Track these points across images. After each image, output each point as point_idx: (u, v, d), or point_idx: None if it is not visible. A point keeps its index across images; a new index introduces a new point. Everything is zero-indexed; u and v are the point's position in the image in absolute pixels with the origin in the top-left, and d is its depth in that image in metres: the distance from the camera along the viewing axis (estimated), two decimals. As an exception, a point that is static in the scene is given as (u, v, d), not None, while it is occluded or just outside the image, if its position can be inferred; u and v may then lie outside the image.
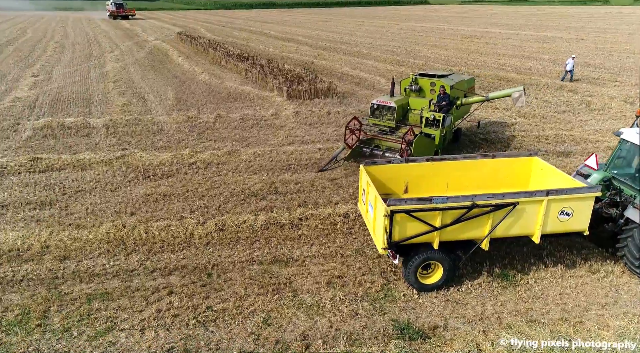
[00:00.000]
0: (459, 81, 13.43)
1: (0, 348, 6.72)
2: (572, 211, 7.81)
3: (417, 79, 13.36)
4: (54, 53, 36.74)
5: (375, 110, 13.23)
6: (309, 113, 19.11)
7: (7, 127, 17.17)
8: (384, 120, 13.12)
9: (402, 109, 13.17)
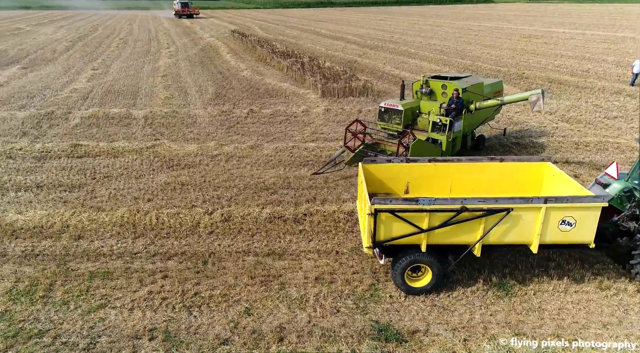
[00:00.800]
0: (475, 84, 12.51)
1: (6, 314, 7.37)
2: (575, 221, 7.30)
3: (429, 82, 12.70)
4: (116, 48, 39.20)
5: (384, 114, 12.78)
6: (340, 111, 19.12)
7: (59, 116, 18.61)
8: (392, 124, 12.63)
9: (410, 112, 12.59)
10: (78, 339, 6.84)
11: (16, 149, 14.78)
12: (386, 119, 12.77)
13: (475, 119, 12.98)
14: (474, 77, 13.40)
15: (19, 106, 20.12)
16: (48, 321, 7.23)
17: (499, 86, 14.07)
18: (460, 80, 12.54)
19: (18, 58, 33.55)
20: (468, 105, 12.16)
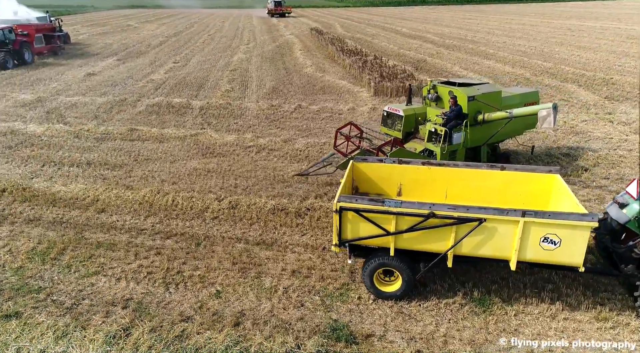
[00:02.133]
0: (487, 93, 11.06)
1: (19, 270, 8.51)
2: (560, 240, 6.60)
3: (437, 87, 11.63)
4: (202, 44, 42.05)
5: (387, 118, 12.12)
6: None
7: (129, 103, 20.59)
8: (394, 129, 11.93)
9: (414, 118, 11.72)
10: (65, 299, 7.69)
11: (84, 130, 16.68)
12: (389, 124, 12.10)
13: (485, 132, 11.40)
14: (489, 85, 11.96)
15: (101, 93, 22.58)
16: (49, 280, 8.22)
17: (533, 97, 12.40)
18: (470, 87, 11.23)
19: (117, 51, 37.45)
20: (476, 116, 10.94)
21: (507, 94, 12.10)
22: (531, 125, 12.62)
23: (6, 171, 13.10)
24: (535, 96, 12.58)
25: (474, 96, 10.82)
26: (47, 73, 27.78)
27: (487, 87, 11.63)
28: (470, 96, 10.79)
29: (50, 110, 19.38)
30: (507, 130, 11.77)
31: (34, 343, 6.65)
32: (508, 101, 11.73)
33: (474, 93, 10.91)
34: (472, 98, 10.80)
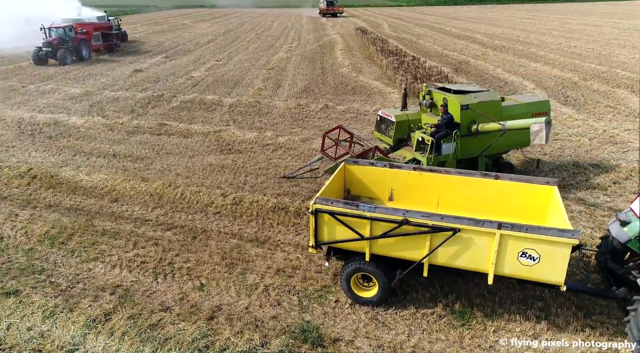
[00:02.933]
0: (485, 102, 10.31)
1: (30, 252, 9.18)
2: (539, 256, 6.22)
3: (432, 93, 11.07)
4: (247, 43, 43.08)
5: (381, 123, 11.68)
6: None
7: (165, 98, 21.52)
8: (387, 135, 11.51)
9: (407, 125, 11.22)
10: (62, 281, 8.22)
11: (119, 123, 17.65)
12: (382, 129, 11.70)
13: (481, 143, 10.62)
14: (488, 93, 10.96)
15: (143, 88, 23.76)
16: (52, 263, 8.82)
17: (542, 107, 11.37)
18: (465, 94, 10.52)
19: (167, 48, 39.19)
20: (470, 126, 10.28)
21: (511, 103, 11.35)
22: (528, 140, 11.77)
23: (41, 159, 14.14)
24: (545, 106, 11.52)
25: (468, 105, 10.17)
26: (99, 69, 29.59)
27: (485, 95, 10.74)
28: (464, 105, 10.16)
29: (94, 104, 20.65)
30: (509, 141, 10.98)
31: (23, 321, 7.17)
32: (511, 111, 10.94)
33: (469, 101, 10.25)
34: (466, 107, 10.15)
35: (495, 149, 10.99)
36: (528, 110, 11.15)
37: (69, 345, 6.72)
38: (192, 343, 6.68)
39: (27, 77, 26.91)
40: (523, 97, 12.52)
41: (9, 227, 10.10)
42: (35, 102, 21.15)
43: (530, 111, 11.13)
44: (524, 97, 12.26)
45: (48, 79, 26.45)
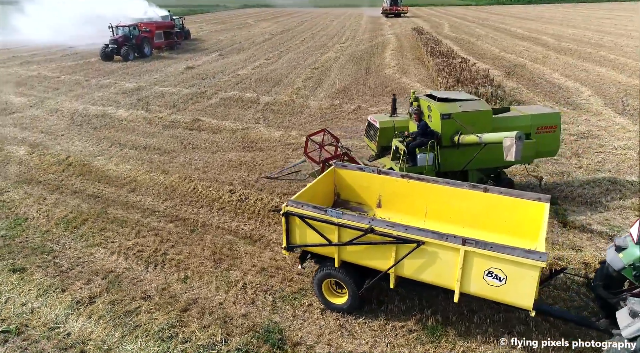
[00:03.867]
0: (470, 111, 9.54)
1: (46, 234, 9.98)
2: (505, 277, 5.80)
3: (419, 100, 10.36)
4: (300, 42, 43.64)
5: (369, 129, 11.20)
6: None
7: (207, 95, 22.39)
8: (373, 141, 11.03)
9: (391, 132, 10.61)
10: (64, 263, 8.87)
11: (158, 117, 18.64)
12: (371, 135, 11.26)
13: (465, 156, 9.79)
14: (478, 102, 10.00)
15: (189, 85, 24.88)
16: (61, 245, 9.53)
17: (550, 120, 10.27)
18: (451, 102, 9.78)
19: (224, 47, 40.69)
20: (453, 137, 9.65)
21: (513, 114, 10.47)
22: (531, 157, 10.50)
23: (81, 148, 15.29)
24: (553, 119, 10.39)
25: (449, 114, 9.46)
26: (156, 65, 31.37)
27: (472, 104, 9.82)
28: (445, 114, 9.47)
29: (141, 98, 21.96)
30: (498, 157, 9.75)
31: (20, 296, 7.84)
32: (509, 123, 10.06)
33: (452, 110, 9.52)
34: (448, 116, 9.45)
35: (487, 163, 10.10)
36: (531, 122, 10.18)
37: (52, 323, 7.25)
38: (158, 333, 6.94)
39: (91, 72, 29.13)
40: (530, 108, 11.41)
41: (35, 209, 11.03)
42: (92, 95, 22.86)
43: (534, 124, 10.18)
44: (531, 108, 11.18)
45: (109, 74, 28.46)
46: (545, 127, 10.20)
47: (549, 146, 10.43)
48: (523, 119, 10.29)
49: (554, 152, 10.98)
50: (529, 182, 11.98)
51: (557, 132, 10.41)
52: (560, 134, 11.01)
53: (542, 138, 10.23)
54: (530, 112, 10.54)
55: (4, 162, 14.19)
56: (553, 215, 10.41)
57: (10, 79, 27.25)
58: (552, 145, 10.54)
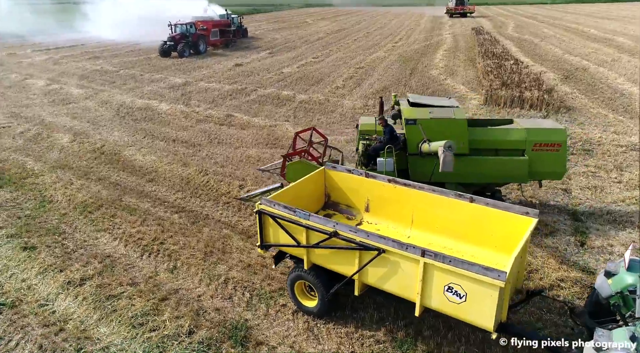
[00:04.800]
0: (441, 119, 8.83)
1: (63, 217, 10.67)
2: (465, 294, 5.37)
3: (400, 103, 9.95)
4: (352, 41, 43.35)
5: (357, 129, 10.79)
6: None
7: (246, 92, 22.88)
8: (357, 142, 10.61)
9: (373, 133, 10.09)
10: (70, 244, 9.43)
11: (194, 112, 19.33)
12: (358, 136, 10.69)
13: (429, 166, 9.06)
14: (454, 110, 9.05)
15: (233, 81, 25.55)
16: (72, 228, 10.15)
17: (551, 137, 8.91)
18: (423, 108, 9.17)
19: (276, 45, 41.37)
20: (419, 144, 8.94)
21: (510, 127, 9.42)
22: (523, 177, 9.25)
23: (117, 138, 16.20)
24: (556, 136, 8.93)
25: (415, 120, 8.85)
26: (208, 62, 32.54)
27: (446, 111, 9.01)
28: (411, 119, 8.88)
29: (185, 93, 22.88)
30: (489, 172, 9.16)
31: (23, 273, 8.45)
32: (497, 135, 9.15)
33: (420, 116, 8.90)
34: (413, 122, 8.84)
35: (469, 177, 9.27)
36: (527, 137, 8.93)
37: (43, 301, 7.74)
38: (131, 319, 7.19)
39: (148, 67, 30.80)
40: (534, 121, 10.09)
41: (61, 193, 11.84)
42: (142, 88, 24.16)
43: (531, 139, 8.91)
44: (534, 122, 9.84)
45: (163, 69, 29.94)
46: (545, 144, 8.88)
47: (550, 166, 9.04)
48: (517, 132, 9.06)
49: (558, 175, 9.43)
50: (548, 201, 11.08)
51: (562, 152, 8.91)
52: (567, 153, 9.55)
53: (541, 157, 8.92)
54: (529, 125, 9.26)
55: (49, 148, 15.37)
56: (572, 232, 9.57)
57: (76, 72, 29.47)
58: (555, 166, 9.07)
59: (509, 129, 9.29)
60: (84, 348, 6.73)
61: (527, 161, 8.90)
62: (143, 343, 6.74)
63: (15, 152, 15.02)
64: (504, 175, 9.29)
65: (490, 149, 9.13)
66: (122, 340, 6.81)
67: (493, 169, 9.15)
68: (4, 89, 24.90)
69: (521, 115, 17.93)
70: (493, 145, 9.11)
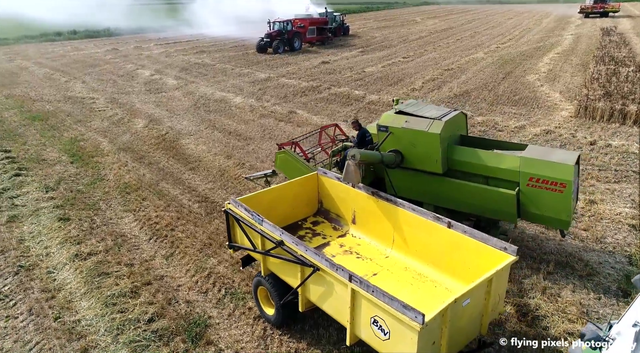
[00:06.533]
0: (412, 130, 7.74)
1: (105, 194, 11.70)
2: (389, 331, 4.66)
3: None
4: (455, 41, 40.96)
5: None
6: (605, 148, 13.67)
7: (320, 89, 22.87)
8: None
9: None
10: (98, 221, 10.30)
11: (262, 107, 19.89)
12: None
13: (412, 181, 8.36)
14: (433, 123, 7.73)
15: (312, 78, 25.75)
16: (107, 205, 11.07)
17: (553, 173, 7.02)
18: (404, 116, 8.11)
19: (372, 43, 40.79)
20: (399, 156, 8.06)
21: (505, 152, 7.76)
22: (510, 215, 7.67)
23: (183, 127, 17.32)
24: (561, 172, 6.97)
25: (387, 127, 7.99)
26: (298, 59, 33.29)
27: (422, 123, 7.79)
28: (382, 125, 8.06)
29: (262, 88, 23.67)
30: (462, 200, 7.93)
31: (48, 240, 9.45)
32: (485, 160, 7.65)
33: (394, 124, 7.98)
34: (384, 128, 8.03)
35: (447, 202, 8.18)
36: (521, 168, 7.27)
37: (52, 268, 8.58)
38: (107, 297, 7.59)
39: (241, 62, 32.51)
40: (547, 151, 7.74)
41: (114, 173, 13.01)
42: (227, 82, 25.56)
43: (526, 171, 7.22)
44: (545, 152, 7.60)
45: (254, 64, 31.35)
46: (543, 180, 7.10)
47: (550, 210, 7.21)
48: (509, 160, 7.44)
49: (562, 223, 7.41)
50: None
51: (567, 195, 6.95)
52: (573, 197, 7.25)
53: (539, 196, 7.18)
54: (531, 154, 7.41)
55: (124, 131, 17.03)
56: (618, 278, 7.88)
57: (179, 64, 32.26)
58: (557, 212, 7.17)
59: (500, 154, 7.67)
60: (62, 317, 7.29)
61: (513, 196, 7.29)
62: (107, 322, 7.07)
63: (97, 133, 16.90)
64: (487, 207, 7.80)
65: (479, 175, 7.79)
66: (93, 317, 7.23)
67: (472, 198, 7.83)
68: (117, 77, 28.18)
69: (618, 132, 15.18)
70: (481, 171, 7.73)
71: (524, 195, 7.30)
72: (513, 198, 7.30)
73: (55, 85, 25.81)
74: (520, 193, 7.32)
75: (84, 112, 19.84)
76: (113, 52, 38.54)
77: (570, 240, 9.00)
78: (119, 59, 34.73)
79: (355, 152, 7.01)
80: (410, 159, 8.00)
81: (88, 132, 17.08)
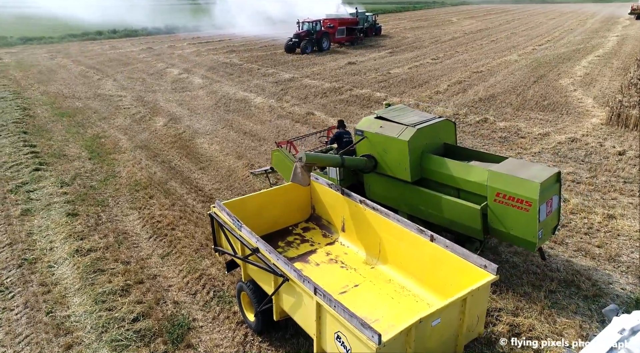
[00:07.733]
0: (385, 136, 7.70)
1: (116, 190, 11.96)
2: (350, 349, 4.46)
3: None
4: (489, 42, 39.74)
5: None
6: (632, 158, 12.83)
7: (341, 91, 22.65)
8: None
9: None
10: (104, 217, 10.52)
11: (280, 107, 19.89)
12: None
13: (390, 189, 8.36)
14: (407, 131, 7.53)
15: (335, 80, 25.56)
16: (115, 202, 11.30)
17: (518, 190, 6.56)
18: (384, 121, 8.03)
19: (402, 44, 40.16)
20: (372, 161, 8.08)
21: (478, 164, 7.37)
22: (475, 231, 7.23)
23: (200, 126, 17.54)
24: (526, 190, 6.49)
25: (362, 131, 8.09)
26: (325, 59, 33.16)
27: (394, 129, 7.68)
28: (359, 129, 8.17)
29: (284, 89, 23.68)
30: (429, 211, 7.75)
31: (54, 235, 9.72)
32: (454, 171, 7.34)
33: (369, 129, 8.03)
34: (360, 132, 8.15)
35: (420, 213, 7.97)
36: (488, 182, 6.86)
37: (52, 263, 8.81)
38: (99, 295, 7.71)
39: (268, 62, 32.69)
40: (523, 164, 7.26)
41: (127, 170, 13.30)
42: (251, 82, 25.75)
43: (493, 186, 6.80)
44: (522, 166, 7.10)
45: (280, 64, 31.45)
46: (509, 196, 6.64)
47: (515, 229, 6.73)
48: (478, 172, 7.08)
49: (527, 244, 6.84)
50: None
51: (532, 214, 6.49)
52: (538, 216, 6.60)
53: (505, 213, 6.76)
54: (501, 169, 6.93)
55: (144, 129, 17.42)
56: (627, 301, 7.33)
57: (208, 63, 32.78)
58: (523, 231, 6.67)
59: (470, 166, 7.32)
60: (53, 312, 7.46)
61: (478, 211, 6.90)
62: (94, 320, 7.17)
63: (118, 130, 17.36)
64: (453, 221, 7.44)
65: (450, 186, 7.46)
66: (82, 313, 7.36)
67: (440, 210, 7.54)
68: (147, 75, 28.93)
69: (651, 141, 14.29)
70: (450, 182, 7.42)
71: (491, 211, 6.91)
72: (477, 213, 6.94)
73: (88, 82, 26.75)
74: (488, 209, 6.95)
75: (109, 110, 20.45)
76: (147, 51, 39.63)
77: (580, 257, 8.46)
78: (151, 57, 35.66)
79: (302, 154, 6.99)
80: (382, 165, 8.04)
81: (110, 129, 17.57)
